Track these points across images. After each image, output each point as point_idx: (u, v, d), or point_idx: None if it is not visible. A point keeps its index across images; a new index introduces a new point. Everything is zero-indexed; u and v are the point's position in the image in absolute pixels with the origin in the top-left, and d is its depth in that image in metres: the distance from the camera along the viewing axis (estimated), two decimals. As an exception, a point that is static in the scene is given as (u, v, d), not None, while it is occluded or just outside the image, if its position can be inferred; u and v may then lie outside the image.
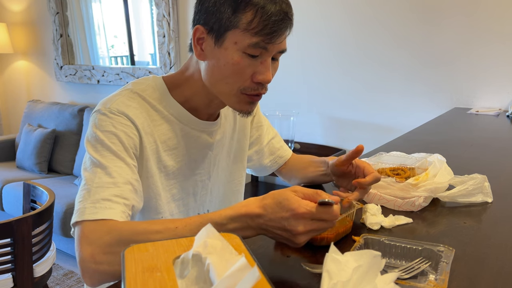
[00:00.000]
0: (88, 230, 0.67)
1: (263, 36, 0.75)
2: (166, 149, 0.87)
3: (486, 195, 0.90)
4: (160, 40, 3.16)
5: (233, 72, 0.79)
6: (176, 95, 0.88)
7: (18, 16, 4.15)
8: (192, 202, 0.94)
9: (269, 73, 0.79)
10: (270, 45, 0.77)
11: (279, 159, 1.14)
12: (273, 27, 0.75)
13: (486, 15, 2.05)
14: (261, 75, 0.79)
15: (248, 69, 0.79)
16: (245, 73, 0.79)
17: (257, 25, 0.75)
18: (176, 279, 0.42)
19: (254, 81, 0.79)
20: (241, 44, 0.76)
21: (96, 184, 0.72)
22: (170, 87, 0.88)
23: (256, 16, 0.75)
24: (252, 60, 0.78)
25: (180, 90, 0.88)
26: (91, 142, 0.78)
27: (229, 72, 0.79)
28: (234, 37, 0.77)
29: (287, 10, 0.77)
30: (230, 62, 0.78)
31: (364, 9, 2.38)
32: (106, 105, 0.81)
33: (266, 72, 0.79)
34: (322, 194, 0.64)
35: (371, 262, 0.48)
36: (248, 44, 0.76)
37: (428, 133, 1.63)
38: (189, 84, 0.87)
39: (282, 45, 0.79)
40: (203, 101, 0.88)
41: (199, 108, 0.89)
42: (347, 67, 2.50)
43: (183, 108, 0.88)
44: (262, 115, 1.13)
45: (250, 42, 0.76)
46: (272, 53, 0.79)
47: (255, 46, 0.76)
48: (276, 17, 0.75)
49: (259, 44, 0.76)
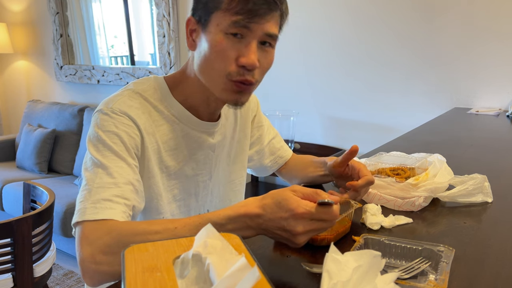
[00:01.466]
0: (88, 230, 0.67)
1: (243, 15, 0.74)
2: (167, 150, 0.87)
3: (486, 195, 0.90)
4: (160, 40, 3.16)
5: (217, 54, 0.77)
6: (176, 95, 0.88)
7: (18, 16, 4.15)
8: (193, 202, 0.94)
9: (253, 56, 0.77)
10: (252, 24, 0.75)
11: (279, 159, 1.14)
12: (254, 5, 0.74)
13: (486, 15, 2.05)
14: (244, 57, 0.76)
15: (231, 51, 0.77)
16: (228, 56, 0.77)
17: (237, 3, 0.74)
18: (176, 279, 0.42)
19: (238, 64, 0.77)
20: (223, 25, 0.76)
21: (97, 184, 0.72)
22: (171, 86, 0.88)
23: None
24: (235, 42, 0.76)
25: (180, 88, 0.88)
26: (92, 142, 0.78)
27: (213, 55, 0.78)
28: (217, 19, 0.76)
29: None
30: (213, 44, 0.77)
31: (364, 9, 2.38)
32: (108, 105, 0.81)
33: (249, 55, 0.76)
34: (321, 194, 0.64)
35: (371, 262, 0.48)
36: (229, 24, 0.75)
37: (428, 133, 1.63)
38: (188, 82, 0.87)
39: (267, 26, 0.77)
40: (201, 99, 0.88)
41: (198, 107, 0.89)
42: (347, 67, 2.50)
43: (184, 108, 0.88)
44: (262, 115, 1.13)
45: (231, 21, 0.75)
46: (256, 35, 0.77)
47: (236, 24, 0.75)
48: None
49: (239, 22, 0.75)
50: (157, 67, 3.27)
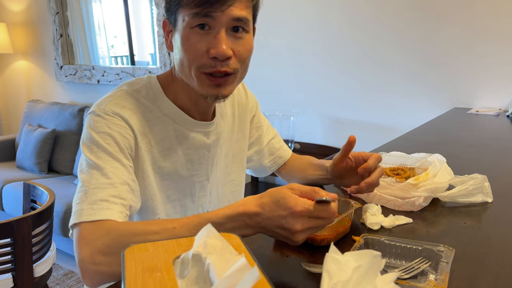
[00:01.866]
0: (86, 231, 0.67)
1: (202, 5, 0.73)
2: (161, 150, 0.86)
3: (486, 195, 0.90)
4: (160, 40, 3.16)
5: (186, 50, 0.77)
6: (169, 94, 0.87)
7: (18, 16, 4.15)
8: (189, 203, 0.93)
9: (222, 45, 0.75)
10: (214, 13, 0.74)
11: (278, 159, 1.14)
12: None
13: (486, 15, 2.05)
14: (214, 48, 0.75)
15: (201, 43, 0.76)
16: (198, 49, 0.76)
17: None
18: (176, 279, 0.42)
19: (209, 56, 0.76)
20: (187, 20, 0.76)
21: (93, 186, 0.72)
22: (164, 86, 0.88)
23: None
24: (203, 34, 0.76)
25: (171, 88, 0.88)
26: (86, 144, 0.78)
27: (184, 52, 0.78)
28: (181, 15, 0.77)
29: None
30: (182, 41, 0.77)
31: (365, 9, 2.38)
32: (101, 106, 0.81)
33: (218, 45, 0.75)
34: (319, 192, 0.63)
35: (371, 262, 0.48)
36: (191, 16, 0.75)
37: (428, 133, 1.63)
38: (176, 82, 0.87)
39: (232, 11, 0.75)
40: (188, 98, 0.87)
41: (188, 107, 0.89)
42: (347, 67, 2.50)
43: (177, 107, 0.87)
44: (262, 115, 1.13)
45: (192, 13, 0.74)
46: (223, 22, 0.75)
47: (197, 15, 0.74)
48: None
49: (200, 13, 0.74)
50: (157, 67, 3.27)
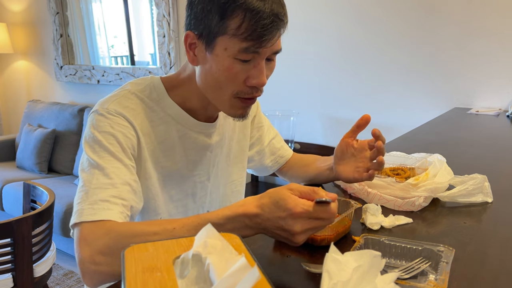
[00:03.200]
0: (86, 231, 0.67)
1: (253, 41, 0.73)
2: (163, 150, 0.87)
3: (486, 195, 0.90)
4: (160, 40, 3.16)
5: (226, 78, 0.77)
6: (174, 96, 0.87)
7: (18, 16, 4.15)
8: (191, 203, 0.94)
9: (263, 76, 0.77)
10: (261, 49, 0.74)
11: (280, 159, 1.14)
12: (263, 31, 0.72)
13: (487, 15, 2.05)
14: (255, 79, 0.77)
15: (241, 74, 0.77)
16: (238, 78, 0.77)
17: (245, 30, 0.72)
18: (176, 279, 0.42)
19: (248, 85, 0.78)
20: (232, 50, 0.74)
21: (94, 186, 0.72)
22: (168, 87, 0.88)
23: (244, 20, 0.71)
24: (244, 64, 0.76)
25: (178, 91, 0.88)
26: (88, 143, 0.78)
27: (222, 78, 0.77)
28: (224, 43, 0.74)
29: (278, 11, 0.73)
30: (221, 68, 0.76)
31: (365, 9, 2.38)
32: (104, 105, 0.81)
33: (260, 76, 0.77)
34: (319, 192, 0.63)
35: (371, 262, 0.48)
36: (238, 50, 0.74)
37: (428, 133, 1.63)
38: (186, 86, 0.87)
39: (275, 46, 0.77)
40: (200, 104, 0.88)
41: (196, 110, 0.89)
42: (347, 67, 2.50)
43: (181, 109, 0.87)
44: (262, 115, 1.13)
45: (240, 47, 0.73)
46: (265, 56, 0.77)
47: (246, 51, 0.74)
48: (266, 20, 0.72)
49: (249, 49, 0.74)
50: (157, 67, 3.27)
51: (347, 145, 0.93)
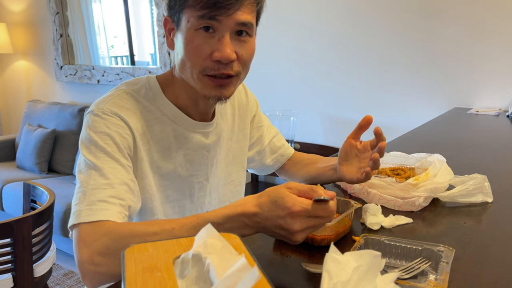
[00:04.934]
0: (85, 232, 0.67)
1: (208, 8, 0.73)
2: (159, 150, 0.86)
3: (486, 195, 0.90)
4: (160, 40, 3.16)
5: (190, 51, 0.77)
6: (168, 95, 0.87)
7: (18, 16, 4.15)
8: (188, 203, 0.93)
9: (227, 49, 0.75)
10: (220, 16, 0.74)
11: (281, 158, 1.13)
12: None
13: (486, 15, 2.05)
14: (218, 52, 0.75)
15: (204, 46, 0.76)
16: (202, 52, 0.76)
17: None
18: (176, 279, 0.42)
19: (213, 59, 0.76)
20: (192, 22, 0.75)
21: (91, 186, 0.72)
22: (163, 86, 0.88)
23: None
24: (207, 37, 0.75)
25: (171, 88, 0.88)
26: (85, 144, 0.78)
27: (187, 53, 0.77)
28: (186, 16, 0.76)
29: None
30: (185, 42, 0.77)
31: (365, 8, 2.38)
32: (99, 105, 0.81)
33: (223, 49, 0.75)
34: (317, 190, 0.63)
35: (371, 262, 0.48)
36: (196, 18, 0.74)
37: (428, 133, 1.63)
38: (176, 83, 0.87)
39: (238, 16, 0.75)
40: (188, 98, 0.87)
41: (188, 107, 0.88)
42: (347, 67, 2.50)
43: (177, 108, 0.87)
44: (262, 115, 1.12)
45: (197, 15, 0.74)
46: (228, 26, 0.75)
47: (202, 18, 0.74)
48: None
49: (205, 15, 0.74)
50: (157, 67, 3.27)
51: (351, 146, 0.92)
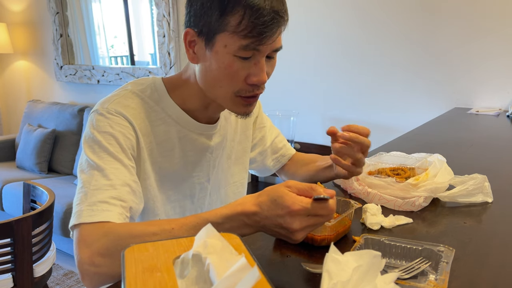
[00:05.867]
0: (85, 233, 0.67)
1: (253, 38, 0.72)
2: (162, 151, 0.86)
3: (486, 195, 0.90)
4: (160, 40, 3.16)
5: (226, 75, 0.77)
6: (175, 97, 0.87)
7: (18, 16, 4.15)
8: (189, 204, 0.93)
9: (264, 74, 0.77)
10: (261, 46, 0.74)
11: (281, 158, 1.13)
12: (263, 28, 0.71)
13: (486, 15, 2.05)
14: (255, 76, 0.76)
15: (241, 71, 0.76)
16: (238, 76, 0.77)
17: (245, 27, 0.71)
18: (176, 279, 0.42)
19: (249, 83, 0.77)
20: (231, 47, 0.74)
21: (93, 187, 0.72)
22: (169, 88, 0.87)
23: (244, 17, 0.71)
24: (244, 62, 0.75)
25: (179, 92, 0.87)
26: (88, 143, 0.77)
27: (222, 76, 0.77)
28: (223, 40, 0.74)
29: (278, 8, 0.73)
30: (221, 66, 0.76)
31: (365, 9, 2.38)
32: (104, 105, 0.81)
33: (260, 74, 0.76)
34: (317, 189, 0.63)
35: (371, 262, 0.48)
36: (238, 47, 0.73)
37: (428, 133, 1.63)
38: (187, 87, 0.87)
39: (275, 44, 0.76)
40: (200, 104, 0.87)
41: (196, 111, 0.88)
42: (347, 67, 2.50)
43: (182, 110, 0.87)
44: (264, 116, 1.12)
45: (240, 44, 0.73)
46: (265, 53, 0.76)
47: (246, 48, 0.73)
48: (266, 17, 0.71)
49: (249, 46, 0.73)
50: (157, 67, 3.27)
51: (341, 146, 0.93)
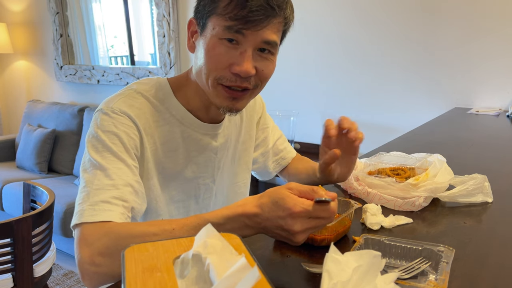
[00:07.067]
0: (86, 232, 0.67)
1: (237, 21, 0.72)
2: (166, 151, 0.86)
3: (486, 195, 0.90)
4: (160, 40, 3.16)
5: (209, 58, 0.76)
6: (179, 97, 0.87)
7: (18, 16, 4.15)
8: (193, 204, 0.93)
9: (248, 64, 0.75)
10: (246, 31, 0.73)
11: (282, 161, 1.13)
12: (249, 12, 0.71)
13: (486, 15, 2.05)
14: (238, 66, 0.75)
15: (225, 57, 0.75)
16: (221, 61, 0.76)
17: (232, 9, 0.72)
18: (176, 279, 0.42)
19: (231, 71, 0.76)
20: (217, 29, 0.74)
21: (95, 186, 0.72)
22: (174, 88, 0.87)
23: (233, 0, 0.72)
24: (230, 48, 0.75)
25: (183, 91, 0.87)
26: (91, 142, 0.77)
27: (207, 59, 0.77)
28: (212, 23, 0.75)
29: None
30: (207, 49, 0.76)
31: (365, 9, 2.38)
32: (109, 104, 0.81)
33: (243, 63, 0.74)
34: (318, 191, 0.63)
35: (371, 262, 0.48)
36: (223, 29, 0.73)
37: (428, 133, 1.63)
38: (189, 86, 0.87)
39: (264, 34, 0.74)
40: (200, 103, 0.87)
41: (199, 111, 0.88)
42: (347, 67, 2.50)
43: (186, 110, 0.87)
44: (268, 116, 1.11)
45: (224, 26, 0.73)
46: (252, 43, 0.75)
47: (229, 29, 0.73)
48: (254, 2, 0.71)
49: (232, 27, 0.73)
50: (157, 67, 3.27)
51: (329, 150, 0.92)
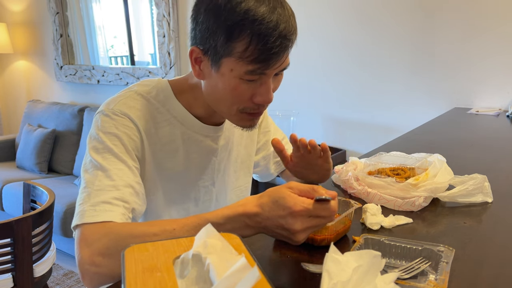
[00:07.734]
0: (87, 232, 0.67)
1: (259, 64, 0.71)
2: (166, 152, 0.86)
3: (486, 195, 0.90)
4: (160, 40, 3.16)
5: (232, 96, 0.76)
6: (181, 100, 0.87)
7: (18, 16, 4.15)
8: (192, 207, 0.93)
9: (270, 94, 0.76)
10: (268, 70, 0.73)
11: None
12: (270, 54, 0.70)
13: (486, 15, 2.05)
14: (261, 96, 0.76)
15: (247, 92, 0.75)
16: (244, 96, 0.76)
17: (252, 53, 0.70)
18: (176, 279, 0.42)
19: (254, 102, 0.77)
20: (238, 72, 0.73)
21: (96, 187, 0.72)
22: (175, 91, 0.87)
23: (251, 44, 0.69)
24: (250, 83, 0.75)
25: (185, 96, 0.87)
26: (93, 143, 0.78)
27: (228, 96, 0.76)
28: (229, 65, 0.72)
29: (287, 31, 0.70)
30: (227, 87, 0.75)
31: (364, 9, 2.38)
32: (109, 106, 0.81)
33: (266, 94, 0.76)
34: (318, 190, 0.63)
35: (371, 262, 0.48)
36: (244, 72, 0.72)
37: (428, 133, 1.63)
38: (193, 93, 0.86)
39: (283, 65, 0.75)
40: (205, 112, 0.87)
41: (202, 116, 0.88)
42: (347, 67, 2.50)
43: (187, 112, 0.87)
44: (270, 119, 1.11)
45: (247, 70, 0.72)
46: (272, 74, 0.75)
47: (252, 73, 0.72)
48: (273, 44, 0.69)
49: (255, 71, 0.72)
50: (157, 67, 3.27)
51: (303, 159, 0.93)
